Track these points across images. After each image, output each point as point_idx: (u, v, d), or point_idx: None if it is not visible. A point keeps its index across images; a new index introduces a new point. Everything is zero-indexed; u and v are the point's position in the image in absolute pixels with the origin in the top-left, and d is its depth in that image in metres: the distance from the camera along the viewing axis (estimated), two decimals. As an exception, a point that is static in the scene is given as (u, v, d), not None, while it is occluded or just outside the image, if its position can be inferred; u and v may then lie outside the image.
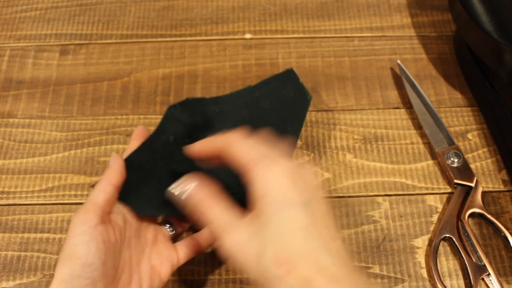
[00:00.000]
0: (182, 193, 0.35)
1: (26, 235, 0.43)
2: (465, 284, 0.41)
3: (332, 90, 0.51)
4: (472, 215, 0.44)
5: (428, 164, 0.47)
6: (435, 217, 0.44)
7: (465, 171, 0.45)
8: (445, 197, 0.45)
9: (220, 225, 0.32)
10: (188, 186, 0.35)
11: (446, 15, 0.56)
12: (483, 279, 0.41)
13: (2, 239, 0.43)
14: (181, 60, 0.52)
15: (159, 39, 0.54)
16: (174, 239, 0.40)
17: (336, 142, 0.48)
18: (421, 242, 0.43)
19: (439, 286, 0.41)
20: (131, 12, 0.55)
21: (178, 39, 0.54)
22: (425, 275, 0.42)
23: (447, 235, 0.43)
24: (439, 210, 0.45)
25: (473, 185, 0.45)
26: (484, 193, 0.45)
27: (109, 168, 0.37)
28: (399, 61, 0.51)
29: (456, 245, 0.42)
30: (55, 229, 0.44)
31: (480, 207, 0.44)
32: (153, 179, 0.40)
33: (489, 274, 0.41)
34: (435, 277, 0.41)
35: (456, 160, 0.46)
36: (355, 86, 0.51)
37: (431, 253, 0.42)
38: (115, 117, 0.49)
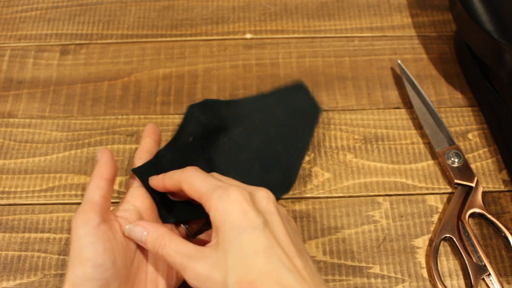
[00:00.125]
0: (138, 234, 0.35)
1: (27, 235, 0.43)
2: (466, 284, 0.41)
3: (332, 90, 0.51)
4: (473, 215, 0.44)
5: (429, 164, 0.47)
6: (435, 217, 0.44)
7: (466, 171, 0.45)
8: (445, 197, 0.45)
9: (182, 257, 0.33)
10: (141, 229, 0.35)
11: (446, 15, 0.56)
12: (483, 279, 0.41)
13: (2, 239, 0.43)
14: (181, 60, 0.52)
15: (159, 39, 0.54)
16: (190, 236, 0.40)
17: (336, 142, 0.48)
18: (422, 242, 0.43)
19: (440, 286, 0.41)
20: (132, 12, 0.55)
21: (179, 39, 0.54)
22: (425, 275, 0.42)
23: (448, 235, 0.43)
24: (439, 210, 0.45)
25: (473, 185, 0.45)
26: (484, 193, 0.45)
27: (99, 162, 0.37)
28: (399, 61, 0.51)
29: (456, 245, 0.42)
30: (56, 229, 0.44)
31: (480, 207, 0.44)
32: None
33: (489, 274, 0.41)
34: (435, 277, 0.41)
35: (456, 160, 0.46)
36: (355, 86, 0.51)
37: (431, 253, 0.42)
38: (115, 117, 0.49)
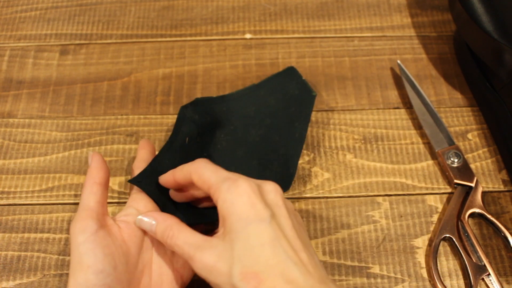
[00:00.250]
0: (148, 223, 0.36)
1: (26, 235, 0.43)
2: (465, 284, 0.41)
3: (332, 90, 0.51)
4: (472, 215, 0.44)
5: (428, 164, 0.47)
6: (435, 217, 0.44)
7: (465, 171, 0.45)
8: (445, 197, 0.45)
9: (189, 247, 0.33)
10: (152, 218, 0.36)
11: (446, 15, 0.56)
12: (483, 279, 0.41)
13: (2, 239, 0.43)
14: (181, 60, 0.52)
15: (159, 39, 0.54)
16: None
17: (336, 142, 0.48)
18: (421, 242, 0.43)
19: (439, 286, 0.41)
20: (131, 12, 0.55)
21: (178, 39, 0.54)
22: (425, 275, 0.42)
23: (447, 235, 0.43)
24: (439, 210, 0.45)
25: (473, 185, 0.45)
26: (484, 193, 0.45)
27: (90, 167, 0.37)
28: (399, 61, 0.51)
29: (456, 245, 0.42)
30: (55, 229, 0.44)
31: (480, 207, 0.44)
32: None
33: (489, 274, 0.41)
34: (435, 277, 0.41)
35: (456, 160, 0.46)
36: (355, 86, 0.51)
37: (431, 253, 0.42)
38: (115, 117, 0.49)
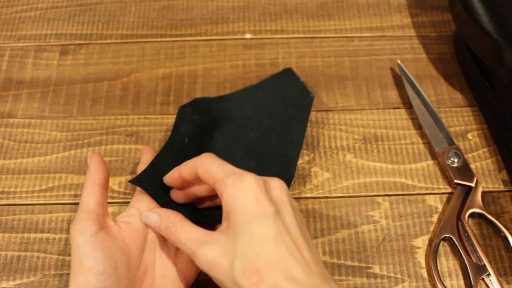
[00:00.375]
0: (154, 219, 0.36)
1: (26, 235, 0.43)
2: (465, 284, 0.41)
3: (332, 90, 0.51)
4: (472, 215, 0.44)
5: (428, 164, 0.47)
6: (435, 217, 0.44)
7: (465, 171, 0.45)
8: (445, 197, 0.45)
9: (192, 243, 0.33)
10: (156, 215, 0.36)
11: (446, 15, 0.56)
12: (483, 279, 0.41)
13: (2, 239, 0.43)
14: (181, 60, 0.52)
15: (159, 39, 0.54)
16: None
17: (336, 142, 0.48)
18: (421, 242, 0.43)
19: (439, 286, 0.41)
20: (131, 12, 0.55)
21: (178, 39, 0.54)
22: (425, 275, 0.42)
23: (447, 235, 0.43)
24: (439, 210, 0.45)
25: (473, 185, 0.45)
26: (484, 193, 0.45)
27: (89, 167, 0.37)
28: (399, 61, 0.51)
29: (456, 245, 0.42)
30: (55, 229, 0.44)
31: (480, 207, 0.44)
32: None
33: (489, 274, 0.41)
34: (435, 277, 0.41)
35: (456, 160, 0.46)
36: (355, 86, 0.51)
37: (431, 253, 0.42)
38: (115, 117, 0.49)
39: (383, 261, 0.42)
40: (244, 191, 0.32)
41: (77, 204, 0.44)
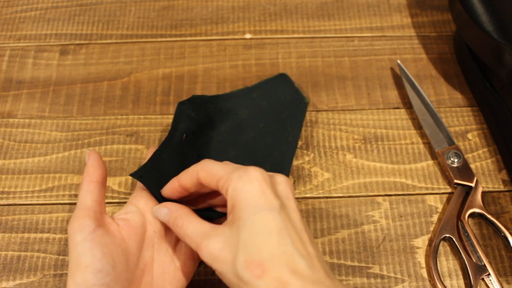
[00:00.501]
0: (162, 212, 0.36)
1: (26, 235, 0.43)
2: (465, 284, 0.41)
3: (332, 90, 0.51)
4: (472, 215, 0.44)
5: (428, 164, 0.47)
6: (435, 217, 0.44)
7: (465, 171, 0.45)
8: (445, 197, 0.45)
9: (197, 236, 0.33)
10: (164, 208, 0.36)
11: (446, 15, 0.56)
12: (483, 279, 0.41)
13: (2, 239, 0.43)
14: (181, 60, 0.52)
15: (159, 39, 0.54)
16: None
17: (336, 142, 0.48)
18: (421, 242, 0.43)
19: (439, 286, 0.41)
20: (131, 12, 0.55)
21: (178, 39, 0.54)
22: (425, 275, 0.42)
23: (447, 235, 0.43)
24: (439, 210, 0.45)
25: (473, 185, 0.45)
26: (484, 193, 0.45)
27: (87, 165, 0.36)
28: (399, 61, 0.51)
29: (456, 245, 0.42)
30: (55, 229, 0.44)
31: (480, 207, 0.44)
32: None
33: (489, 274, 0.41)
34: (435, 277, 0.41)
35: (456, 160, 0.46)
36: (355, 86, 0.51)
37: (431, 253, 0.42)
38: (115, 117, 0.49)
39: (383, 261, 0.42)
40: (249, 183, 0.32)
41: (77, 204, 0.45)
